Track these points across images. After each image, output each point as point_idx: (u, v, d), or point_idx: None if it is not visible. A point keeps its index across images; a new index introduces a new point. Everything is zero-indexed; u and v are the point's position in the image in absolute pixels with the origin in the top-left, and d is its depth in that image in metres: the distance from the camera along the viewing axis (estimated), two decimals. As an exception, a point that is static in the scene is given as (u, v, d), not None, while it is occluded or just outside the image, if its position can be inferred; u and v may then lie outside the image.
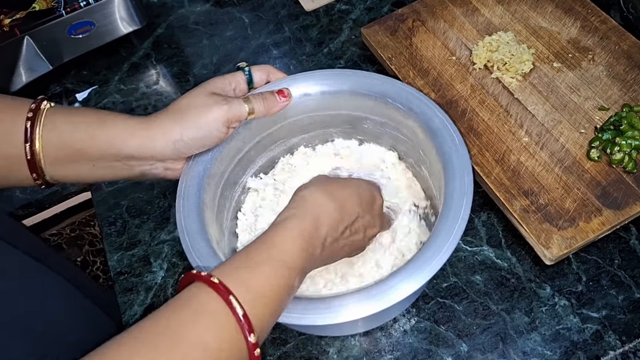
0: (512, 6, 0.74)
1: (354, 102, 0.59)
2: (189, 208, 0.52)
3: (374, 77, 0.58)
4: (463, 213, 0.47)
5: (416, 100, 0.55)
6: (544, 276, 0.58)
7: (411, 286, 0.44)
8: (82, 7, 0.78)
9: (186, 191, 0.53)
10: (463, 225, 0.47)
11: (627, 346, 0.54)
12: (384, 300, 0.44)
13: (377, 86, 0.57)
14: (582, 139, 0.62)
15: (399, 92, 0.56)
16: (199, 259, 0.48)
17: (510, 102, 0.66)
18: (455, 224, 0.47)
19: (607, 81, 0.66)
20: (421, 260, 0.45)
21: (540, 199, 0.58)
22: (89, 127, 0.49)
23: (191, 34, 0.89)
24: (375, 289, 0.44)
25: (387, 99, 0.56)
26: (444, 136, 0.53)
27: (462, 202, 0.48)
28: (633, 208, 0.56)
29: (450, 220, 0.47)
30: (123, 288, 0.64)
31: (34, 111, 0.48)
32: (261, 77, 0.58)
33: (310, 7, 0.87)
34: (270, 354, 0.57)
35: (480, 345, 0.55)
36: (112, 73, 0.86)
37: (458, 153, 0.51)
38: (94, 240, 1.00)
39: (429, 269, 0.45)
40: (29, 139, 0.47)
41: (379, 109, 0.58)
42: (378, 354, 0.56)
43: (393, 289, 0.44)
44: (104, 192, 0.73)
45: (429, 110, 0.55)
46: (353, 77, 0.58)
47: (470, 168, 0.51)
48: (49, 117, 0.49)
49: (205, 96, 0.51)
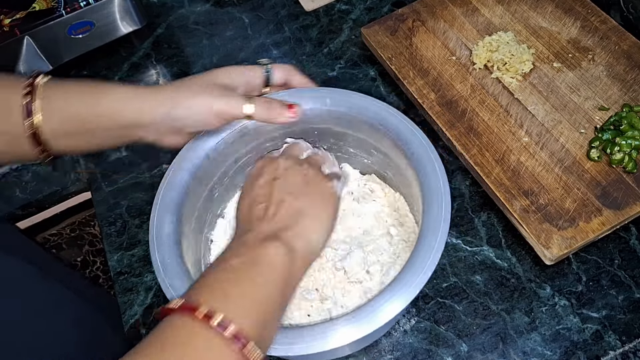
0: (512, 6, 0.74)
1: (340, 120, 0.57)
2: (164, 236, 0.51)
3: (367, 100, 0.56)
4: (442, 227, 0.47)
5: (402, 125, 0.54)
6: (544, 276, 0.58)
7: (397, 306, 0.44)
8: (82, 7, 0.78)
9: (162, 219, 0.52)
10: (446, 228, 0.46)
11: (627, 346, 0.54)
12: (371, 323, 0.43)
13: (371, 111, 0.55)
14: (582, 139, 0.62)
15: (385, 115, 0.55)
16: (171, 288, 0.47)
17: (510, 102, 0.66)
18: (436, 237, 0.46)
19: (607, 81, 0.66)
20: (404, 280, 0.45)
21: (540, 199, 0.58)
22: (86, 97, 0.49)
23: (191, 34, 0.89)
24: (361, 313, 0.44)
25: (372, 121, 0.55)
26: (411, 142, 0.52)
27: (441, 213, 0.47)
28: (633, 208, 0.56)
29: (429, 236, 0.46)
30: (123, 288, 0.64)
31: (31, 85, 0.48)
32: (280, 76, 0.56)
33: (310, 7, 0.87)
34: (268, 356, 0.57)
35: (480, 345, 0.55)
36: (112, 73, 0.86)
37: (434, 167, 0.50)
38: (94, 240, 1.00)
39: (414, 286, 0.44)
40: (29, 115, 0.47)
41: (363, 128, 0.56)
42: (378, 354, 0.56)
43: (379, 311, 0.43)
44: (104, 192, 0.73)
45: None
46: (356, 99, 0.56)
47: (446, 179, 0.49)
48: (45, 91, 0.48)
49: (205, 83, 0.51)
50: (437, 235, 0.46)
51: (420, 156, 0.51)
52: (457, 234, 0.62)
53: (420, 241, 0.46)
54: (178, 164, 0.54)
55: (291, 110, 0.53)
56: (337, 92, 0.56)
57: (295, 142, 0.56)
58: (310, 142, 0.58)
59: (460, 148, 0.63)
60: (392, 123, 0.54)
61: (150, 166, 0.74)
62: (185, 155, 0.55)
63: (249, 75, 0.54)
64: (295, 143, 0.55)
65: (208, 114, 0.50)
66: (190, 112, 0.50)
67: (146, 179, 0.73)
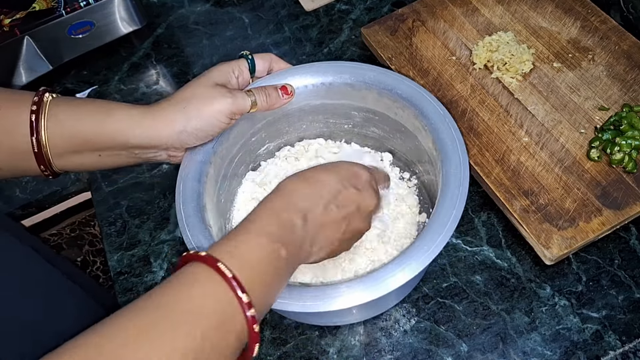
0: (512, 6, 0.74)
1: (357, 94, 0.59)
2: (188, 195, 0.53)
3: (372, 68, 0.58)
4: (458, 204, 0.48)
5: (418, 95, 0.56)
6: (544, 276, 0.58)
7: (406, 274, 0.45)
8: (82, 7, 0.78)
9: (186, 179, 0.54)
10: (460, 211, 0.48)
11: (627, 346, 0.54)
12: (380, 288, 0.45)
13: (373, 77, 0.58)
14: (582, 139, 0.62)
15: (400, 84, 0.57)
16: (194, 241, 0.49)
17: (510, 102, 0.66)
18: (451, 212, 0.47)
19: (607, 81, 0.66)
20: (415, 250, 0.46)
21: (540, 199, 0.58)
22: (93, 119, 0.49)
23: (191, 34, 0.89)
24: (370, 278, 0.45)
25: (383, 90, 0.57)
26: (439, 125, 0.54)
27: (458, 191, 0.49)
28: (633, 208, 0.56)
29: (446, 205, 0.48)
30: (123, 288, 0.64)
31: (37, 104, 0.48)
32: (264, 65, 0.58)
33: (310, 7, 0.87)
34: (270, 354, 0.57)
35: (480, 345, 0.55)
36: (112, 73, 0.86)
37: (454, 144, 0.52)
38: (94, 240, 1.00)
39: (423, 259, 0.45)
40: (35, 132, 0.48)
41: (377, 100, 0.58)
42: (378, 354, 0.56)
43: (389, 277, 0.45)
44: (104, 192, 0.73)
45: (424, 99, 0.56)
46: (351, 69, 0.59)
47: (466, 157, 0.51)
48: (52, 110, 0.49)
49: (209, 87, 0.52)
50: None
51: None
52: (457, 234, 0.62)
53: (441, 197, 0.49)
54: (184, 175, 0.55)
55: (286, 92, 0.57)
56: (329, 65, 0.59)
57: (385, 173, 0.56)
58: None
59: (460, 148, 0.63)
60: (389, 84, 0.57)
61: (150, 166, 0.74)
62: (191, 157, 0.55)
63: (238, 69, 0.56)
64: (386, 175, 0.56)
65: (220, 118, 0.51)
66: (204, 122, 0.51)
67: (146, 179, 0.73)
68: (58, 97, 0.51)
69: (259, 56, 0.58)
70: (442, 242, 0.46)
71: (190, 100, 0.51)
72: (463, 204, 0.48)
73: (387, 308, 0.58)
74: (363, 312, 0.56)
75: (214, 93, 0.51)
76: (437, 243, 0.46)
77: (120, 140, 0.50)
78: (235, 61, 0.56)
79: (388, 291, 0.44)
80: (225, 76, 0.54)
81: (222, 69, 0.54)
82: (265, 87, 0.56)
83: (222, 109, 0.51)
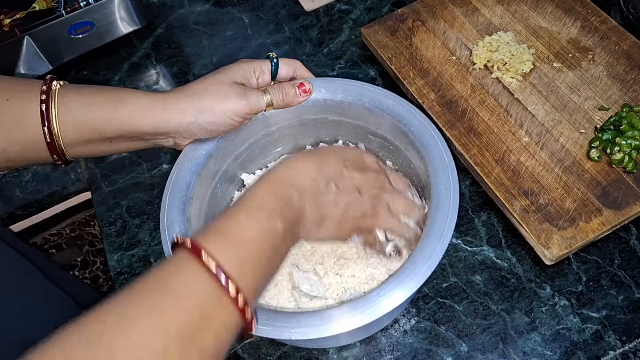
0: (512, 6, 0.74)
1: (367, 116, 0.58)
2: (177, 184, 0.53)
3: (382, 93, 0.58)
4: (451, 214, 0.48)
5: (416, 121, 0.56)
6: (544, 276, 0.58)
7: (402, 295, 0.44)
8: (82, 7, 0.78)
9: (181, 168, 0.54)
10: (453, 222, 0.47)
11: (627, 346, 0.54)
12: (373, 312, 0.44)
13: (390, 105, 0.57)
14: (582, 139, 0.62)
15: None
16: (169, 231, 0.50)
17: (510, 102, 0.66)
18: (444, 225, 0.47)
19: (607, 81, 0.66)
20: (409, 269, 0.45)
21: (540, 199, 0.58)
22: (104, 108, 0.50)
23: (191, 34, 0.89)
24: (363, 301, 0.44)
25: (387, 114, 0.56)
26: (418, 128, 0.54)
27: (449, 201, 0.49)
28: (633, 208, 0.56)
29: (438, 221, 0.48)
30: (123, 288, 0.64)
31: (46, 93, 0.48)
32: (287, 72, 0.57)
33: (310, 7, 0.87)
34: (270, 354, 0.57)
35: (480, 345, 0.55)
36: (112, 73, 0.86)
37: (439, 150, 0.52)
38: (94, 240, 1.00)
39: (417, 279, 0.45)
40: (46, 122, 0.48)
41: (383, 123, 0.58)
42: (378, 354, 0.56)
43: (383, 299, 0.44)
44: (104, 192, 0.73)
45: None
46: (369, 91, 0.58)
47: (453, 164, 0.51)
48: (62, 98, 0.49)
49: (225, 85, 0.51)
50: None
51: (421, 133, 0.54)
52: (457, 234, 0.62)
53: (432, 214, 0.48)
54: (181, 164, 0.55)
55: (303, 90, 0.56)
56: (331, 81, 0.58)
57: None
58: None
59: (460, 148, 0.63)
60: (388, 105, 0.56)
61: (150, 166, 0.74)
62: (188, 155, 0.55)
63: (260, 70, 0.55)
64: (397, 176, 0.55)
65: (233, 117, 0.51)
66: (216, 117, 0.51)
67: (146, 179, 0.73)
68: (66, 85, 0.50)
69: (284, 61, 0.57)
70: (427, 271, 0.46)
71: (204, 95, 0.50)
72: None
73: (379, 329, 0.57)
74: (354, 336, 0.56)
75: (230, 92, 0.51)
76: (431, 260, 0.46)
77: (131, 129, 0.50)
78: (259, 61, 0.55)
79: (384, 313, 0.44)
80: (245, 75, 0.54)
81: (244, 67, 0.54)
82: (283, 85, 0.55)
83: (235, 109, 0.51)
